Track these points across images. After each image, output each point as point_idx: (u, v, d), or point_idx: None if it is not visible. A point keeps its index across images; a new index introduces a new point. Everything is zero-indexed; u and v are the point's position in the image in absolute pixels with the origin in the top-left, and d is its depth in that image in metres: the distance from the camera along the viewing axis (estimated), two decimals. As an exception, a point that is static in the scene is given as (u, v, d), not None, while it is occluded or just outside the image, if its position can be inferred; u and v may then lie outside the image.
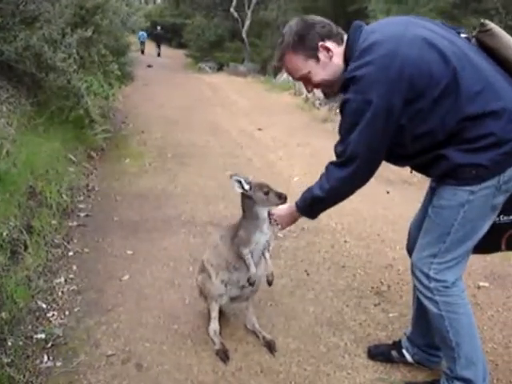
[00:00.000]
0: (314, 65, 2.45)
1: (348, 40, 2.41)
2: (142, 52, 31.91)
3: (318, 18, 2.45)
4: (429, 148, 2.33)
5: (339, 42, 2.43)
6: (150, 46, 34.38)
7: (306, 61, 2.45)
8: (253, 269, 3.01)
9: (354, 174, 2.44)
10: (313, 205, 2.66)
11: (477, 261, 4.18)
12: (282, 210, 2.90)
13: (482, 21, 2.37)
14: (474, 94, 2.20)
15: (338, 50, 2.42)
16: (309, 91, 2.78)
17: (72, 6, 7.46)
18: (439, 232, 2.43)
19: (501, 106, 2.20)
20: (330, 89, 2.60)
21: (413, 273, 2.59)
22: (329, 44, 2.40)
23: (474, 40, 2.40)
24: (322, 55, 2.42)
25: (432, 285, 2.48)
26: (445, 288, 2.47)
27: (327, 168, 2.53)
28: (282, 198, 2.97)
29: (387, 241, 4.78)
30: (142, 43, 32.44)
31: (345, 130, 2.39)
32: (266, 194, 2.97)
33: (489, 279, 4.12)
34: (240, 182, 2.95)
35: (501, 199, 2.34)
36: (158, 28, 34.65)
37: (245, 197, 3.00)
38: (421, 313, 2.76)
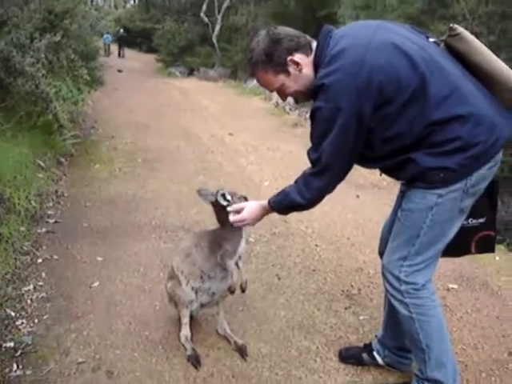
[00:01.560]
0: (286, 78, 2.47)
1: (317, 47, 2.41)
2: (108, 55, 31.62)
3: (285, 32, 2.44)
4: (397, 151, 2.35)
5: (308, 52, 2.44)
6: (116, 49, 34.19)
7: (276, 76, 2.47)
8: (235, 278, 3.03)
9: (331, 181, 2.47)
10: (290, 208, 2.67)
11: (446, 263, 4.24)
12: (253, 208, 2.83)
13: (451, 25, 2.39)
14: (441, 98, 2.22)
15: (307, 61, 2.43)
16: (283, 100, 2.81)
17: (41, 10, 7.41)
18: (408, 235, 2.46)
19: (467, 111, 2.23)
20: (303, 97, 2.62)
21: (383, 275, 2.61)
22: (297, 57, 2.41)
23: (442, 44, 2.42)
24: (291, 69, 2.43)
25: (402, 287, 2.50)
26: (415, 290, 2.49)
27: (305, 178, 2.53)
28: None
29: (357, 244, 4.82)
30: (108, 46, 32.15)
31: (317, 138, 2.40)
32: (245, 200, 3.00)
33: (458, 281, 4.18)
34: (224, 196, 2.96)
35: (468, 202, 2.39)
36: (121, 31, 34.45)
37: (225, 208, 2.97)
38: (392, 315, 2.79)
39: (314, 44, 2.45)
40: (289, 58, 2.40)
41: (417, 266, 2.48)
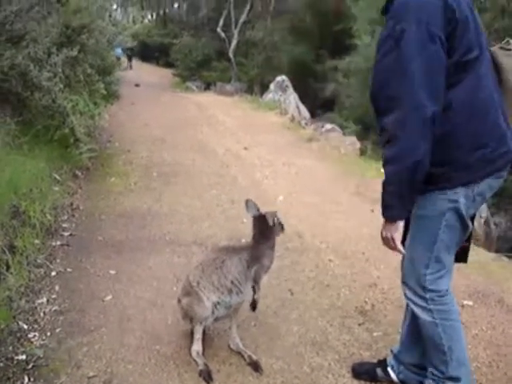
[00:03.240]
0: None
1: None
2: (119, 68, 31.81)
3: None
4: None
5: None
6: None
7: None
8: (258, 294, 3.20)
9: (428, 118, 2.18)
10: (392, 195, 2.35)
11: (460, 279, 4.20)
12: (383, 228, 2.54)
13: (508, 39, 2.44)
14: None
15: None
16: None
17: (58, 25, 7.47)
18: (425, 242, 2.48)
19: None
20: None
21: (405, 284, 2.63)
22: None
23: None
24: None
25: (428, 295, 2.54)
26: (439, 297, 2.54)
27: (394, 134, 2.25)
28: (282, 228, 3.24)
29: (372, 259, 4.78)
30: (118, 59, 32.34)
31: (404, 63, 2.17)
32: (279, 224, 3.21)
33: (472, 298, 4.13)
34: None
35: (473, 210, 2.45)
36: (129, 44, 34.71)
37: (269, 227, 3.15)
38: (413, 329, 2.80)
39: None
40: None
41: (439, 273, 2.51)
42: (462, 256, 2.65)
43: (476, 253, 2.89)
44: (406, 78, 2.16)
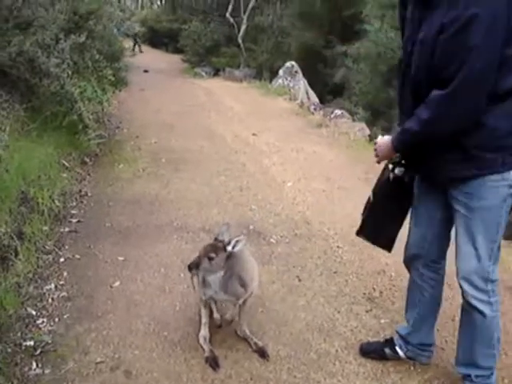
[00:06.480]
0: None
1: None
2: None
3: None
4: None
5: None
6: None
7: None
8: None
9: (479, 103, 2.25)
10: (413, 141, 2.48)
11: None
12: (383, 142, 2.68)
13: None
14: None
15: None
16: None
17: (66, 11, 7.45)
18: (490, 233, 2.44)
19: None
20: None
21: (466, 281, 2.53)
22: None
23: None
24: None
25: (489, 287, 2.51)
26: (496, 287, 2.53)
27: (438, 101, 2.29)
28: None
29: (380, 246, 4.76)
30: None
31: (468, 50, 2.12)
32: (211, 259, 2.94)
33: (481, 285, 4.11)
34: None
35: None
36: (136, 28, 34.44)
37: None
38: (424, 316, 2.87)
39: None
40: None
41: (497, 260, 2.50)
42: None
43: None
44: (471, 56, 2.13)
